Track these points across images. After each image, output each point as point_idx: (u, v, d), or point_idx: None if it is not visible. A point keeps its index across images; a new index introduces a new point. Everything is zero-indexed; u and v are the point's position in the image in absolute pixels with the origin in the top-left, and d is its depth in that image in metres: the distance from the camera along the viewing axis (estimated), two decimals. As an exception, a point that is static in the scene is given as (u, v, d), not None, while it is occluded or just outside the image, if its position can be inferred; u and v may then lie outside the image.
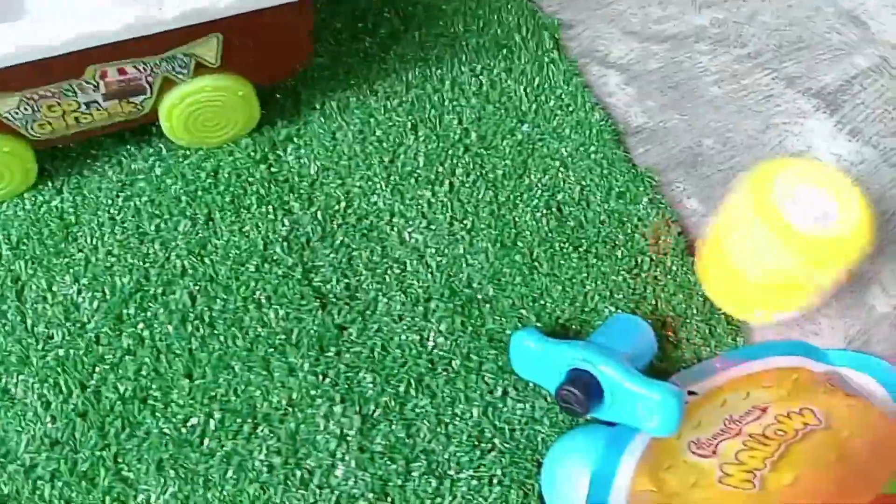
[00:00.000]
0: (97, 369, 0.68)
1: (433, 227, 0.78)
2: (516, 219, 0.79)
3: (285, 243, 0.76)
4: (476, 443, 0.68)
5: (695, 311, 0.75)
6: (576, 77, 0.89)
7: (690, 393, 0.69)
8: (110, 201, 0.77)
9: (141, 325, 0.71)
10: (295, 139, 0.82)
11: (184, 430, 0.66)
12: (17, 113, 0.70)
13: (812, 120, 0.91)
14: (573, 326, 0.74)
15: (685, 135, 0.88)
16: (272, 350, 0.70)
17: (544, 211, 0.80)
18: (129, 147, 0.81)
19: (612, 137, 0.85)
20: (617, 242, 0.79)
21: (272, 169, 0.80)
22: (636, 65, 0.93)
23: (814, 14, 1.00)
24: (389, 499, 0.65)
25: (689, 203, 0.83)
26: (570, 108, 0.87)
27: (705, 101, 0.91)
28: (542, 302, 0.75)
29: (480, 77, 0.88)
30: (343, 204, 0.79)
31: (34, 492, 0.63)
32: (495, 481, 0.66)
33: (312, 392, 0.68)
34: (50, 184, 0.78)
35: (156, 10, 0.67)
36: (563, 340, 0.67)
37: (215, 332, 0.71)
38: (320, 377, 0.69)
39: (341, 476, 0.65)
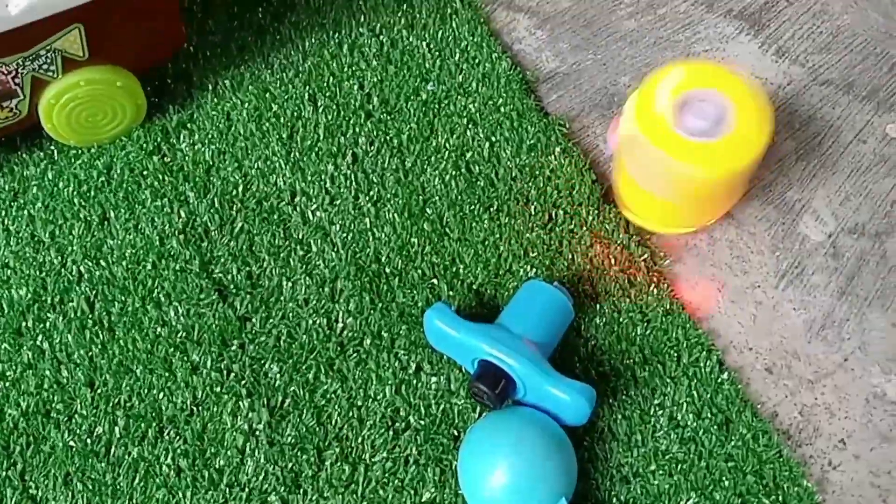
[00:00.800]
0: (-3, 387, 0.67)
1: (337, 202, 0.75)
2: (424, 184, 0.76)
3: (182, 236, 0.73)
4: (390, 423, 0.66)
5: (612, 262, 0.72)
6: (481, 26, 0.84)
7: None
8: (3, 212, 0.74)
9: (40, 338, 0.68)
10: (188, 125, 0.79)
11: (89, 440, 0.65)
12: None
13: (735, 44, 0.86)
14: (487, 291, 0.71)
15: (600, 75, 0.84)
16: (173, 349, 0.68)
17: (453, 173, 0.77)
18: (20, 154, 0.77)
19: (521, 87, 0.81)
20: (529, 198, 0.75)
21: (165, 159, 0.77)
22: (546, 5, 0.88)
23: (736, -72, 0.94)
24: (302, 490, 0.63)
25: (607, 148, 0.79)
26: (476, 61, 0.82)
27: (620, 37, 0.86)
28: (455, 269, 0.72)
29: (381, 37, 0.84)
30: (241, 188, 0.75)
31: (-59, 519, 0.62)
32: (411, 461, 0.64)
33: (217, 389, 0.66)
34: (-61, 200, 0.75)
35: (2, 9, 0.63)
36: (473, 325, 0.64)
37: (115, 336, 0.69)
38: (224, 373, 0.67)
39: (251, 472, 0.63)
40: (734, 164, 0.66)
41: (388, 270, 0.72)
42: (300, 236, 0.73)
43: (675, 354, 0.69)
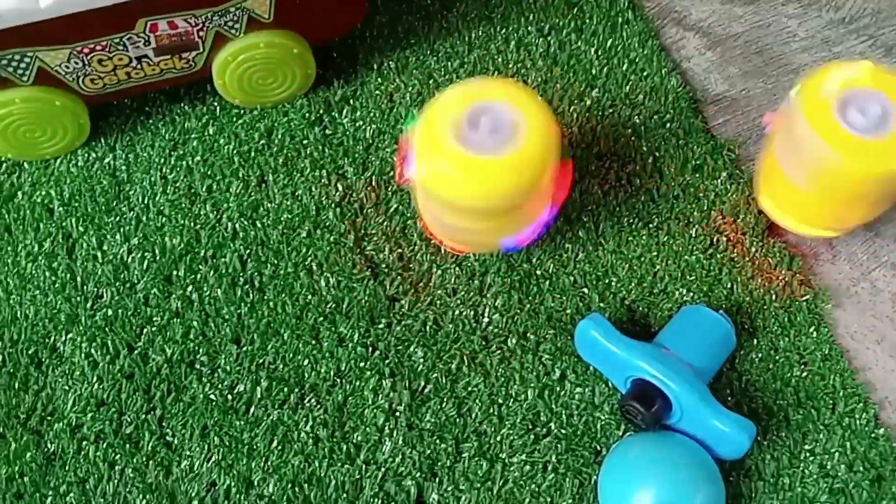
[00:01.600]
0: (145, 331, 0.67)
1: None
2: (582, 191, 0.74)
3: (338, 209, 0.73)
4: (530, 426, 0.64)
5: (773, 297, 0.70)
6: (651, 39, 0.83)
7: None
8: (163, 160, 0.75)
9: (190, 288, 0.69)
10: (351, 100, 0.79)
11: (230, 396, 0.65)
12: (67, 67, 0.68)
13: (913, 92, 0.83)
14: (640, 308, 0.69)
15: (770, 104, 0.81)
16: (322, 319, 0.67)
17: (613, 183, 0.75)
18: (182, 105, 0.78)
19: (689, 106, 0.79)
20: (692, 220, 0.73)
21: (327, 131, 0.77)
22: (718, 27, 0.86)
23: (919, -25, 0.91)
24: (437, 479, 0.62)
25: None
26: (645, 73, 0.81)
27: (792, 69, 0.83)
28: (607, 281, 0.70)
29: (548, 37, 0.83)
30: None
31: (79, 451, 0.62)
32: (549, 468, 0.63)
33: (361, 364, 0.66)
34: (103, 141, 0.76)
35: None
36: (633, 342, 0.62)
37: (265, 297, 0.68)
38: (370, 349, 0.66)
39: (388, 452, 0.63)
40: (891, 164, 0.63)
41: (538, 272, 0.70)
42: (454, 225, 0.72)
43: (831, 402, 0.66)
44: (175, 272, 0.70)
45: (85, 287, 0.69)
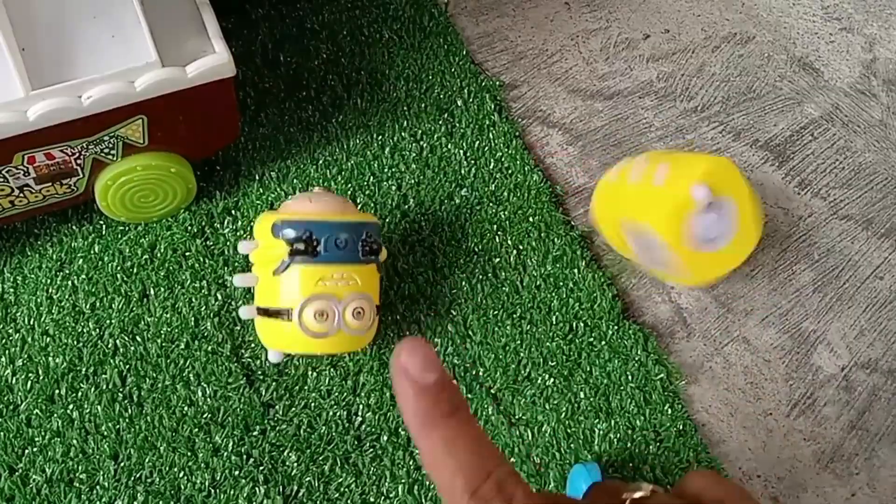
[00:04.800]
0: (26, 452, 0.69)
1: (366, 297, 0.78)
2: (452, 286, 0.79)
3: (216, 318, 0.76)
4: (399, 522, 0.67)
5: (629, 378, 0.74)
6: (516, 139, 0.89)
7: None
8: (49, 280, 0.78)
9: (71, 406, 0.71)
10: (233, 211, 0.83)
11: (106, 514, 0.66)
12: (-50, 199, 0.71)
13: (759, 172, 0.90)
14: (504, 397, 0.73)
15: (627, 193, 0.87)
16: (198, 430, 0.70)
17: (480, 277, 0.80)
18: (70, 225, 0.82)
19: (550, 199, 0.85)
20: (552, 308, 0.78)
21: (208, 242, 0.81)
22: (579, 123, 0.92)
23: (765, 63, 0.99)
24: (308, 583, 0.64)
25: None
26: (510, 171, 0.87)
27: (648, 158, 0.90)
28: (475, 371, 0.74)
29: (421, 142, 0.89)
30: (277, 276, 0.79)
31: (-45, 581, 0.63)
32: (418, 562, 0.65)
33: (236, 472, 0.68)
34: (-8, 264, 0.79)
35: (75, 100, 0.68)
36: None
37: (143, 411, 0.71)
38: (244, 457, 0.69)
39: (260, 560, 0.65)
40: (722, 271, 0.68)
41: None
42: (329, 328, 0.76)
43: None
44: (57, 391, 0.72)
45: (-34, 412, 0.71)
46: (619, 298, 0.79)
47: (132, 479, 0.68)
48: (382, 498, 0.68)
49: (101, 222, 0.82)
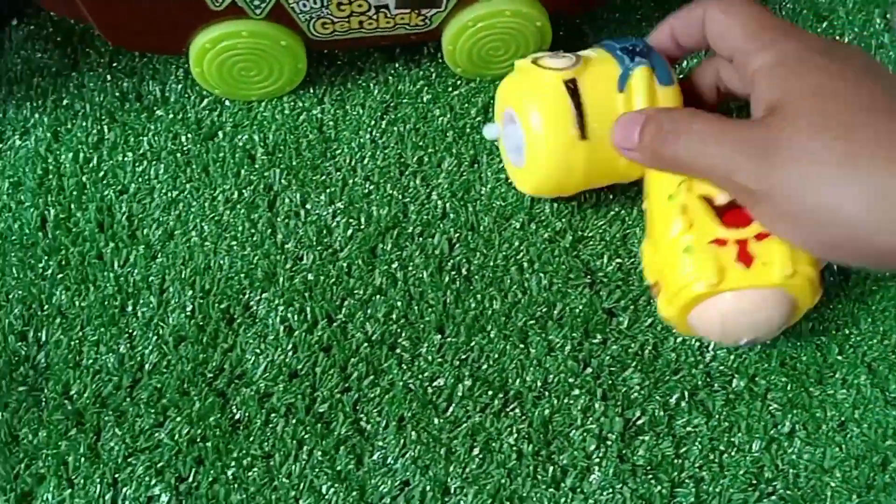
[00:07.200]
0: (346, 303, 0.63)
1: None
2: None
3: (555, 204, 0.67)
4: (753, 481, 0.58)
5: None
6: None
7: None
8: (373, 122, 0.71)
9: (395, 265, 0.64)
10: (577, 88, 0.72)
11: (430, 389, 0.60)
12: (304, 5, 0.63)
13: None
14: (880, 368, 0.62)
15: None
16: (532, 322, 0.62)
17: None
18: (397, 66, 0.73)
19: None
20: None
21: (550, 117, 0.71)
22: None
23: None
24: (648, 523, 0.56)
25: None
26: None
27: None
28: (846, 331, 0.63)
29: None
30: (625, 172, 0.69)
31: (266, 423, 0.59)
32: (771, 531, 0.56)
33: (571, 380, 0.60)
34: (311, 91, 0.72)
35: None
36: None
37: (472, 288, 0.63)
38: (581, 364, 0.61)
39: (596, 484, 0.57)
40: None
41: (771, 310, 0.64)
42: (681, 243, 0.66)
43: None
44: (381, 245, 0.65)
45: (285, 245, 0.65)
46: None
47: (458, 358, 0.61)
48: (734, 450, 0.59)
49: (431, 69, 0.73)
